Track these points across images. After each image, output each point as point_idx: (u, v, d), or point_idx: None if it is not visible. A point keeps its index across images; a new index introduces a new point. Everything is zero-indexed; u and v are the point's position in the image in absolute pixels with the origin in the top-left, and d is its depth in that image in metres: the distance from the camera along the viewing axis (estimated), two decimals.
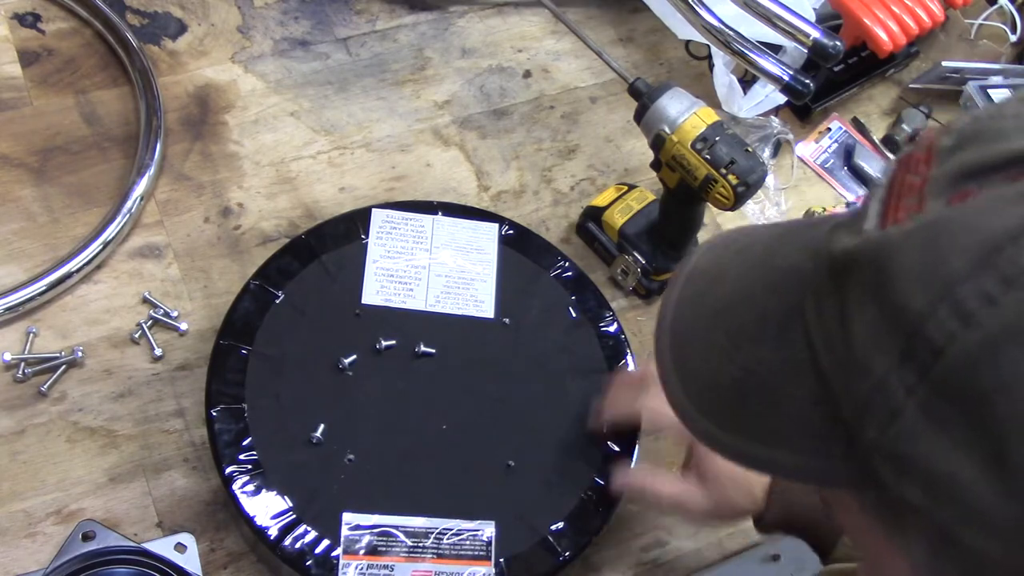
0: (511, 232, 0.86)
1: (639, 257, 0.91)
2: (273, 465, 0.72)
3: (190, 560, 0.71)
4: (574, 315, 0.84)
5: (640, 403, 0.75)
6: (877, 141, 1.11)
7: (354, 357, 0.77)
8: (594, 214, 0.94)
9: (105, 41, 0.94)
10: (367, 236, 0.83)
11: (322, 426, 0.73)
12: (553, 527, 0.74)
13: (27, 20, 0.94)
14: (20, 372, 0.77)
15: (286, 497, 0.71)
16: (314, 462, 0.73)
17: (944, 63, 1.10)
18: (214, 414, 0.72)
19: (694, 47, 1.07)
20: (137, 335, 0.81)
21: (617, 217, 0.92)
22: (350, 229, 0.83)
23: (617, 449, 0.78)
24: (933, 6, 1.02)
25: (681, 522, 0.84)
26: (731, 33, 0.84)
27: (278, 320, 0.78)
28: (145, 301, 0.83)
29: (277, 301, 0.78)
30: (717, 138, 0.79)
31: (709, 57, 1.03)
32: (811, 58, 0.84)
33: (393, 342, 0.78)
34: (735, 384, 0.41)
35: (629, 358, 0.84)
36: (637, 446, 0.79)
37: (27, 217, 0.85)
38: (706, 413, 0.43)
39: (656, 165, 0.84)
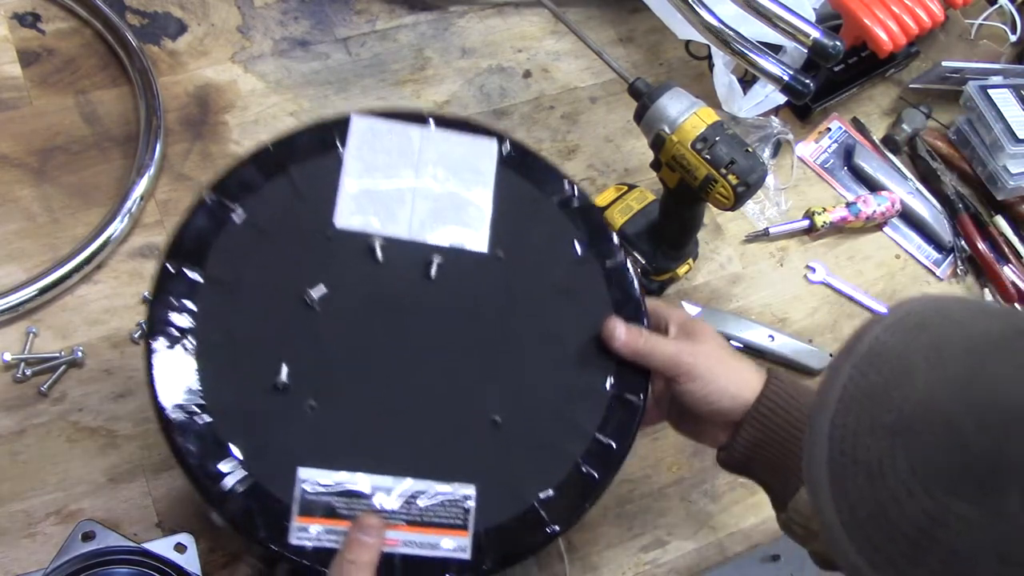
0: (512, 151, 0.74)
1: (639, 257, 0.91)
2: (221, 410, 0.62)
3: (190, 560, 0.71)
4: (579, 250, 0.73)
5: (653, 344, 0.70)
6: (877, 141, 1.11)
7: (323, 289, 0.66)
8: None
9: (105, 41, 0.94)
10: (344, 148, 0.71)
11: (285, 368, 0.64)
12: (542, 495, 0.66)
13: (27, 20, 0.94)
14: (20, 372, 0.77)
15: (234, 448, 0.62)
16: (270, 409, 0.63)
17: (944, 63, 1.10)
18: (155, 348, 0.62)
19: (694, 47, 1.07)
20: (137, 335, 0.81)
21: (617, 217, 0.92)
22: (325, 139, 0.71)
23: (626, 404, 0.70)
24: (933, 6, 1.02)
25: (677, 523, 0.84)
26: (731, 33, 0.84)
27: (236, 241, 0.67)
28: (145, 301, 0.83)
29: (235, 219, 0.67)
30: (717, 138, 0.79)
31: (709, 57, 1.03)
32: (811, 58, 0.84)
33: (367, 273, 0.68)
34: (912, 530, 0.34)
35: (643, 307, 0.74)
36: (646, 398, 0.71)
37: (27, 217, 0.85)
38: (862, 548, 0.36)
39: (656, 165, 0.84)
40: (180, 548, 0.71)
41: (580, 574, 0.80)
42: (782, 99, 1.00)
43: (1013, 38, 1.17)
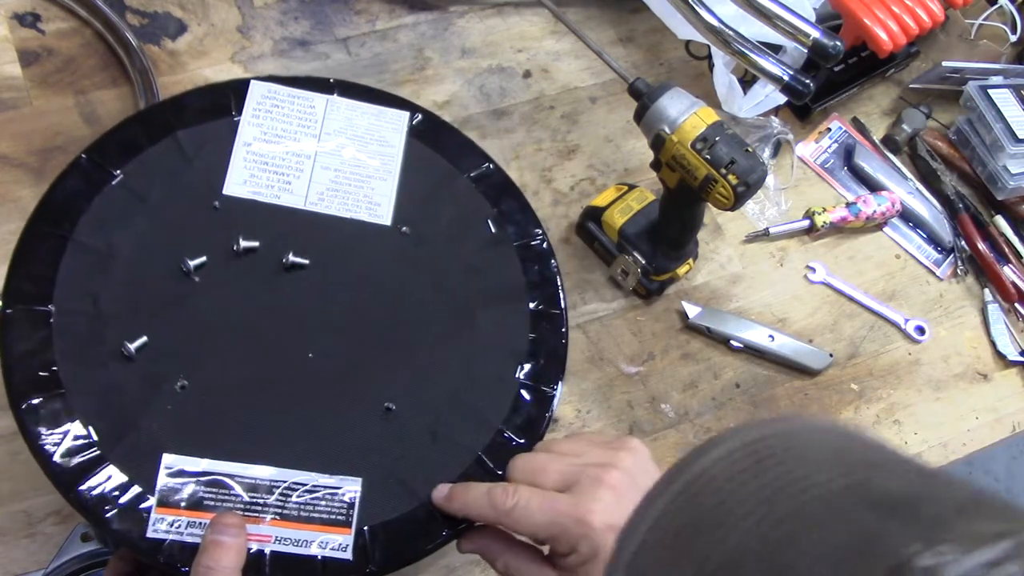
0: (424, 122, 0.70)
1: (639, 257, 0.91)
2: (78, 386, 0.57)
3: None
4: (492, 229, 0.68)
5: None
6: (877, 141, 1.11)
7: (203, 259, 0.61)
8: (594, 214, 0.94)
9: (105, 41, 0.94)
10: (240, 113, 0.66)
11: (142, 338, 0.58)
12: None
13: (27, 20, 0.94)
14: None
15: (91, 428, 0.56)
16: (133, 386, 0.58)
17: (944, 63, 1.10)
18: (9, 314, 0.57)
19: (694, 47, 1.07)
20: None
21: (617, 217, 0.92)
22: (219, 103, 0.66)
23: (530, 400, 0.64)
24: (933, 6, 1.01)
25: None
26: (731, 33, 0.84)
27: (111, 205, 0.62)
28: None
29: (112, 182, 0.62)
30: (717, 138, 0.79)
31: (709, 57, 1.03)
32: (811, 58, 0.84)
33: (256, 244, 0.63)
34: None
35: (560, 290, 0.69)
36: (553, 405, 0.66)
37: (27, 217, 0.85)
38: None
39: (656, 165, 0.84)
40: None
41: None
42: (782, 99, 1.00)
43: (1013, 38, 1.17)
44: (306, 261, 0.64)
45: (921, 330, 1.01)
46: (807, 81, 0.82)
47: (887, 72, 1.13)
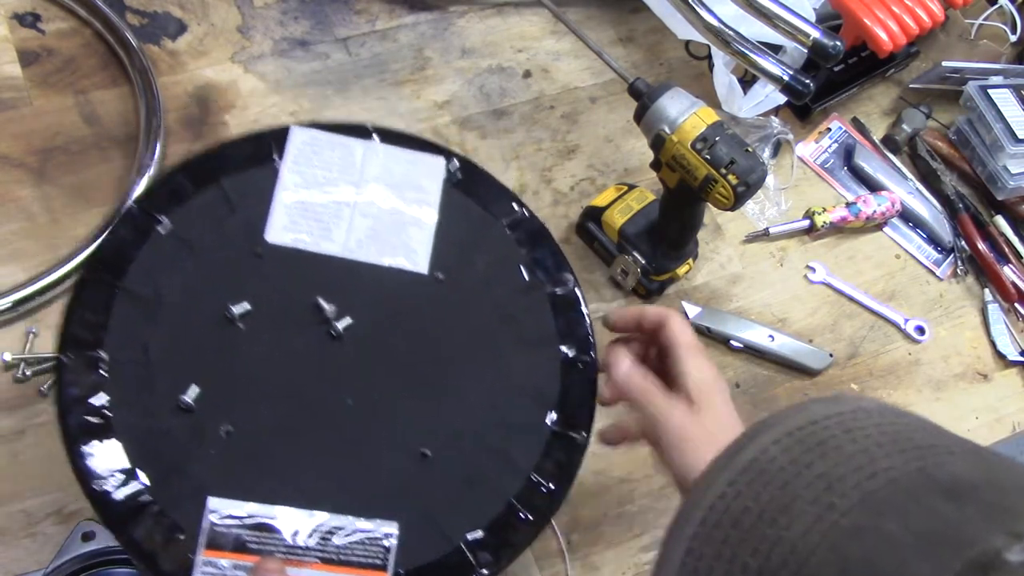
0: (461, 169, 0.71)
1: (639, 257, 0.91)
2: (129, 430, 0.58)
3: None
4: (525, 276, 0.69)
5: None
6: (877, 141, 1.11)
7: (247, 306, 0.63)
8: (594, 214, 0.94)
9: (105, 41, 0.94)
10: (281, 160, 0.67)
11: (194, 388, 0.60)
12: (470, 536, 0.61)
13: (27, 20, 0.94)
14: (20, 372, 0.77)
15: (140, 471, 0.58)
16: (181, 431, 0.59)
17: (944, 63, 1.10)
18: (65, 361, 0.59)
19: (694, 47, 1.07)
20: None
21: (617, 217, 0.92)
22: (261, 149, 0.67)
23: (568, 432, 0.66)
24: (933, 6, 1.02)
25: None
26: (731, 33, 0.84)
27: (159, 253, 0.63)
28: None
29: (161, 230, 0.64)
30: (717, 138, 0.79)
31: (709, 57, 1.03)
32: (811, 58, 0.84)
33: (298, 292, 0.64)
34: None
35: (591, 337, 0.70)
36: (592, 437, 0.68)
37: (27, 217, 0.85)
38: None
39: (656, 165, 0.84)
40: None
41: (580, 574, 0.80)
42: (782, 99, 1.00)
43: (1013, 38, 1.17)
44: (345, 309, 0.65)
45: (921, 330, 1.01)
46: (807, 81, 0.82)
47: (887, 72, 1.13)
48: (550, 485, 0.64)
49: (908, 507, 0.28)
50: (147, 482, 0.58)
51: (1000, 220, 1.09)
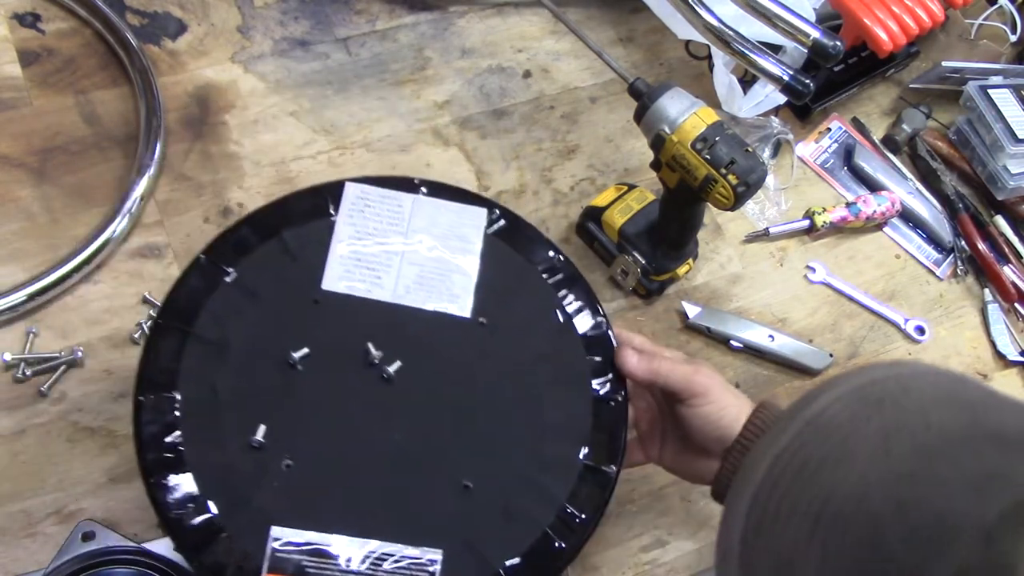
0: (501, 220, 0.77)
1: (639, 257, 0.91)
2: (201, 465, 0.64)
3: None
4: (560, 318, 0.75)
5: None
6: (877, 141, 1.11)
7: (306, 350, 0.68)
8: (594, 214, 0.94)
9: (105, 41, 0.94)
10: (336, 213, 0.73)
11: (260, 426, 0.66)
12: (508, 563, 0.66)
13: (27, 20, 0.94)
14: (20, 372, 0.77)
15: (211, 502, 0.64)
16: (247, 466, 0.65)
17: (944, 63, 1.10)
18: (142, 401, 0.65)
19: (694, 47, 1.07)
20: (137, 335, 0.81)
21: (617, 217, 0.92)
22: (318, 204, 0.74)
23: (597, 467, 0.71)
24: (933, 6, 1.02)
25: (677, 523, 0.84)
26: (731, 33, 0.84)
27: (226, 301, 0.69)
28: (145, 301, 0.83)
29: (227, 280, 0.70)
30: (717, 138, 0.79)
31: (709, 57, 1.03)
32: (811, 58, 0.84)
33: (352, 336, 0.70)
34: None
35: (620, 377, 0.76)
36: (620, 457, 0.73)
37: (27, 217, 0.85)
38: None
39: (656, 165, 0.84)
40: None
41: (580, 574, 0.80)
42: (782, 99, 1.00)
43: (1013, 38, 1.17)
44: (394, 351, 0.70)
45: (921, 330, 1.01)
46: (807, 81, 0.82)
47: (887, 72, 1.13)
48: (582, 515, 0.69)
49: (959, 453, 0.31)
50: (216, 511, 0.63)
51: (1000, 220, 1.09)
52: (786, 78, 0.82)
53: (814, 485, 0.33)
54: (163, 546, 0.71)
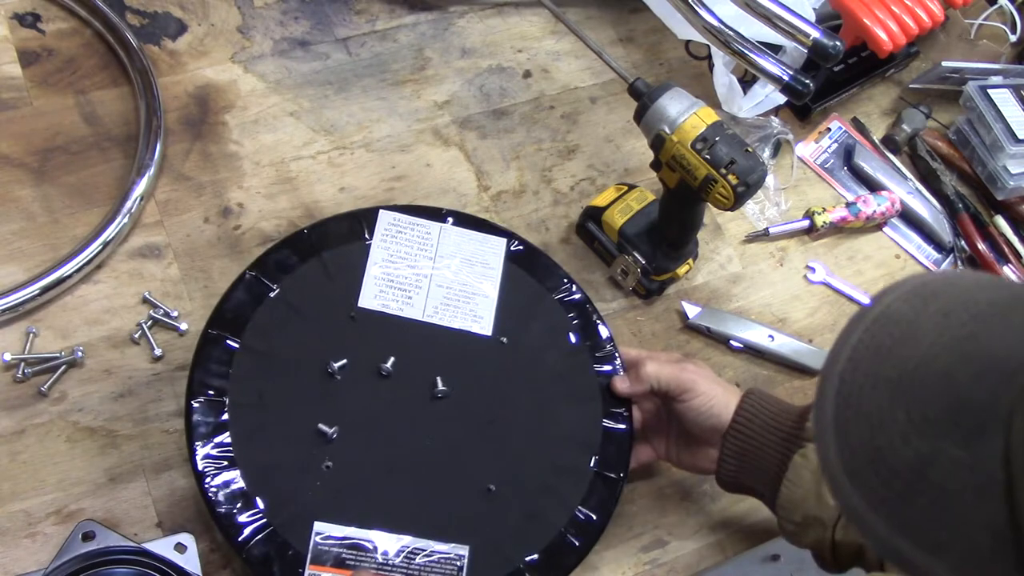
0: (519, 249, 0.84)
1: (639, 257, 0.91)
2: (249, 464, 0.70)
3: (190, 560, 0.71)
4: (573, 341, 0.81)
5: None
6: (877, 141, 1.11)
7: (344, 361, 0.75)
8: (594, 214, 0.94)
9: (105, 41, 0.94)
10: (371, 237, 0.80)
11: (303, 429, 0.72)
12: (528, 558, 0.72)
13: (27, 20, 0.94)
14: (20, 372, 0.77)
15: (258, 499, 0.69)
16: (291, 466, 0.71)
17: (944, 63, 1.10)
18: (194, 405, 0.71)
19: (694, 47, 1.07)
20: (137, 335, 0.81)
21: (617, 217, 0.92)
22: (354, 228, 0.81)
23: (608, 474, 0.77)
24: (933, 6, 1.02)
25: (677, 523, 0.84)
26: (731, 33, 0.84)
27: (270, 315, 0.75)
28: (145, 301, 0.83)
29: (271, 295, 0.76)
30: (717, 138, 0.79)
31: (709, 57, 1.03)
32: (811, 58, 0.84)
33: (385, 350, 0.76)
34: (906, 471, 0.37)
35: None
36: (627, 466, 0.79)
37: (27, 217, 0.85)
38: (861, 489, 0.39)
39: (656, 165, 0.84)
40: (180, 548, 0.71)
41: (580, 574, 0.80)
42: (782, 99, 1.00)
43: (1013, 38, 1.17)
44: (424, 365, 0.77)
45: None
46: (807, 81, 0.82)
47: (887, 72, 1.13)
48: (592, 517, 0.75)
49: (1009, 315, 0.38)
50: (263, 507, 0.69)
51: (1000, 220, 1.09)
52: (786, 78, 0.82)
53: (891, 358, 0.39)
54: (163, 546, 0.71)
